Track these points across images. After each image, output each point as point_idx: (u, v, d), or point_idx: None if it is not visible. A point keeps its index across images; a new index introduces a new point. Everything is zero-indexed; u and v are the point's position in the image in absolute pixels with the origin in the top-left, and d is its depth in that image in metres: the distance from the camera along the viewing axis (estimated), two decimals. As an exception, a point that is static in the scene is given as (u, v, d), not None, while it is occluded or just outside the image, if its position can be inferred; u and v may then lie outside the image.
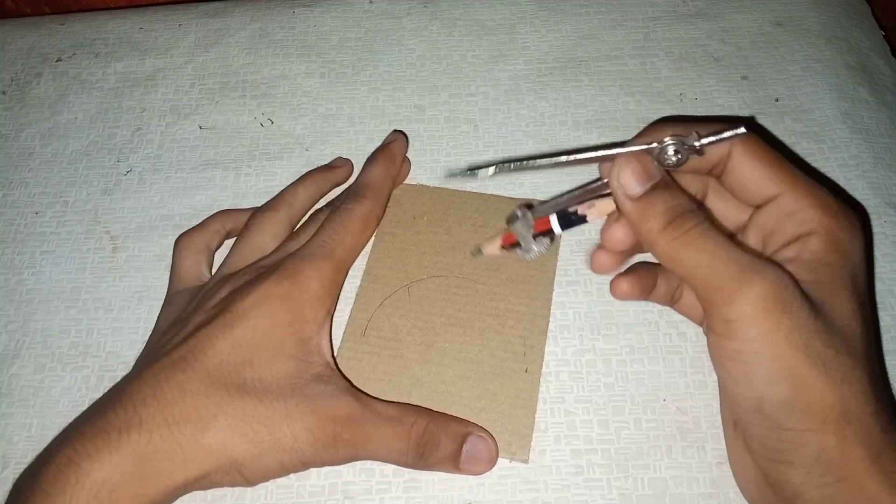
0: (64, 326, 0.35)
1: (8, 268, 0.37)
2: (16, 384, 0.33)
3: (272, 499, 0.29)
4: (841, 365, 0.22)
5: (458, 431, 0.29)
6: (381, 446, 0.28)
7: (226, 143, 0.40)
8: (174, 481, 0.26)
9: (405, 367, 0.32)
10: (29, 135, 0.42)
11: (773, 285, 0.22)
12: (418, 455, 0.28)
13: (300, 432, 0.27)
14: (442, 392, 0.31)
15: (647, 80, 0.41)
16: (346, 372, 0.31)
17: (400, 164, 0.37)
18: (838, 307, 0.23)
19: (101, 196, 0.39)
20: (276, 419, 0.27)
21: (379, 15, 0.46)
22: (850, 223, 0.25)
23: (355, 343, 0.33)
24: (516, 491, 0.29)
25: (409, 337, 0.33)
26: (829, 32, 0.43)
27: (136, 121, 0.42)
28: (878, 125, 0.39)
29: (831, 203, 0.25)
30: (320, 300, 0.30)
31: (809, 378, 0.22)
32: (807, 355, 0.22)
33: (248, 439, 0.26)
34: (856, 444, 0.22)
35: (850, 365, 0.22)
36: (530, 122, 0.40)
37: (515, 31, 0.44)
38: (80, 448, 0.25)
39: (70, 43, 0.46)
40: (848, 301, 0.24)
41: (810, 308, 0.23)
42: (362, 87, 0.42)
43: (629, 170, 0.25)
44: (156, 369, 0.28)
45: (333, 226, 0.32)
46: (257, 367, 0.28)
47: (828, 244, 0.24)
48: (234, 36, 0.45)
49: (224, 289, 0.31)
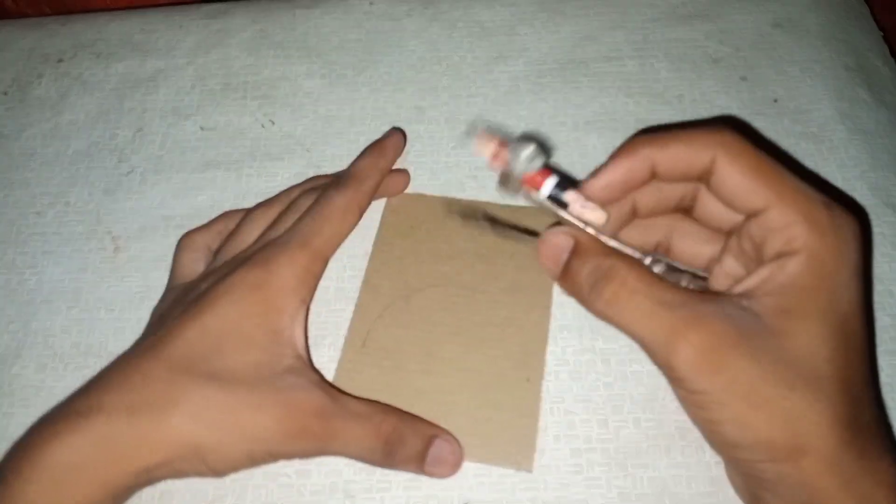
0: (65, 326, 0.35)
1: (9, 268, 0.37)
2: (17, 384, 0.33)
3: (272, 498, 0.30)
4: (797, 401, 0.22)
5: (425, 432, 0.29)
6: (349, 442, 0.28)
7: (227, 143, 0.41)
8: (134, 466, 0.26)
9: (406, 378, 0.32)
10: (30, 135, 0.42)
11: (707, 339, 0.22)
12: (385, 453, 0.28)
13: (268, 422, 0.27)
14: (444, 402, 0.31)
15: (647, 81, 0.41)
16: (347, 384, 0.31)
17: (392, 157, 0.37)
18: (803, 335, 0.22)
19: (103, 196, 0.39)
20: (243, 408, 0.27)
21: (379, 16, 0.46)
22: (838, 240, 0.23)
23: (355, 354, 0.32)
24: (516, 490, 0.29)
25: (409, 347, 0.32)
26: (828, 33, 0.43)
27: (137, 121, 0.42)
28: (877, 126, 0.39)
29: (820, 217, 0.23)
30: (293, 290, 0.30)
31: (755, 422, 0.22)
32: (748, 403, 0.22)
33: (211, 427, 0.26)
34: (819, 474, 0.22)
35: (810, 399, 0.22)
36: (530, 122, 0.40)
37: (515, 32, 0.44)
38: (43, 431, 0.26)
39: (71, 44, 0.46)
40: (817, 327, 0.22)
41: (754, 352, 0.22)
42: (363, 89, 0.42)
43: (542, 259, 0.26)
44: (126, 357, 0.28)
45: (312, 214, 0.32)
46: (226, 355, 0.28)
47: (807, 267, 0.23)
48: (235, 37, 0.45)
49: (206, 281, 0.31)
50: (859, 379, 0.23)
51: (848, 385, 0.22)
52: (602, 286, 0.24)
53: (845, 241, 0.23)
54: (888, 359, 0.32)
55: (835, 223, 0.23)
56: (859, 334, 0.23)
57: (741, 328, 0.22)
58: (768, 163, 0.24)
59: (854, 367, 0.23)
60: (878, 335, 0.32)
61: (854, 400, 0.23)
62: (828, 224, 0.23)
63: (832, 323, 0.23)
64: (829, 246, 0.23)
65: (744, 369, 0.22)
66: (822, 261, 0.23)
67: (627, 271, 0.24)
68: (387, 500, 0.29)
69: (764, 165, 0.24)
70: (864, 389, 0.23)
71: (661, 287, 0.23)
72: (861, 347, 0.23)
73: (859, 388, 0.23)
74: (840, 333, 0.23)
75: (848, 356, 0.23)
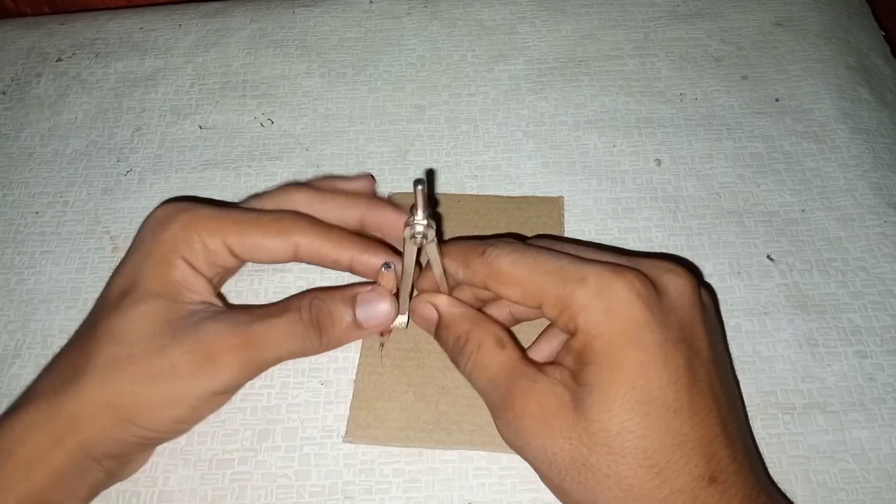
0: (64, 326, 0.35)
1: (8, 268, 0.37)
2: (16, 384, 0.33)
3: (272, 498, 0.29)
4: (591, 479, 0.23)
5: (344, 296, 0.30)
6: (279, 341, 0.28)
7: (226, 143, 0.40)
8: (67, 444, 0.26)
9: (429, 377, 0.31)
10: (29, 135, 0.42)
11: (530, 410, 0.25)
12: (319, 334, 0.29)
13: (178, 357, 0.26)
14: (469, 397, 0.31)
15: (648, 79, 0.41)
16: (369, 387, 0.31)
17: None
18: (595, 406, 0.23)
19: (102, 196, 0.39)
20: (150, 355, 0.26)
21: (379, 15, 0.46)
22: (613, 310, 0.24)
23: (374, 358, 0.32)
24: (516, 491, 0.29)
25: (427, 345, 0.32)
26: (830, 32, 0.43)
27: (136, 121, 0.42)
28: (879, 125, 0.39)
29: (558, 285, 0.25)
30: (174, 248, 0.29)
31: (568, 496, 0.25)
32: (559, 475, 0.24)
33: (122, 383, 0.26)
34: None
35: (602, 474, 0.23)
36: (530, 121, 0.40)
37: (515, 30, 0.44)
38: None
39: (70, 43, 0.46)
40: (606, 398, 0.23)
41: (561, 427, 0.24)
42: (362, 87, 0.42)
43: (417, 322, 0.31)
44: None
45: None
46: (125, 311, 0.27)
47: (582, 337, 0.24)
48: (234, 36, 0.45)
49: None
50: (662, 449, 0.23)
51: (649, 459, 0.23)
52: (459, 356, 0.28)
53: (617, 306, 0.24)
54: (889, 359, 0.32)
55: (597, 297, 0.24)
56: (662, 397, 0.23)
57: (547, 406, 0.24)
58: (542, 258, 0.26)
59: (654, 437, 0.23)
60: (879, 335, 0.32)
61: (656, 471, 0.23)
62: (590, 302, 0.24)
63: (622, 393, 0.23)
64: (598, 319, 0.24)
65: (542, 444, 0.24)
66: (598, 335, 0.24)
67: (481, 340, 0.27)
68: (386, 501, 0.29)
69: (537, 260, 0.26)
70: (679, 456, 0.23)
71: (496, 361, 0.26)
72: (666, 411, 0.23)
73: (666, 455, 0.23)
74: (634, 403, 0.23)
75: (647, 427, 0.23)
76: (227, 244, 0.29)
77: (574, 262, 0.25)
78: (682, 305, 0.25)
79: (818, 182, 0.37)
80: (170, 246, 0.28)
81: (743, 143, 0.39)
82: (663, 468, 0.23)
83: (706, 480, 0.23)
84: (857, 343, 0.32)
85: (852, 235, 0.35)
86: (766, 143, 0.38)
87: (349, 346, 0.33)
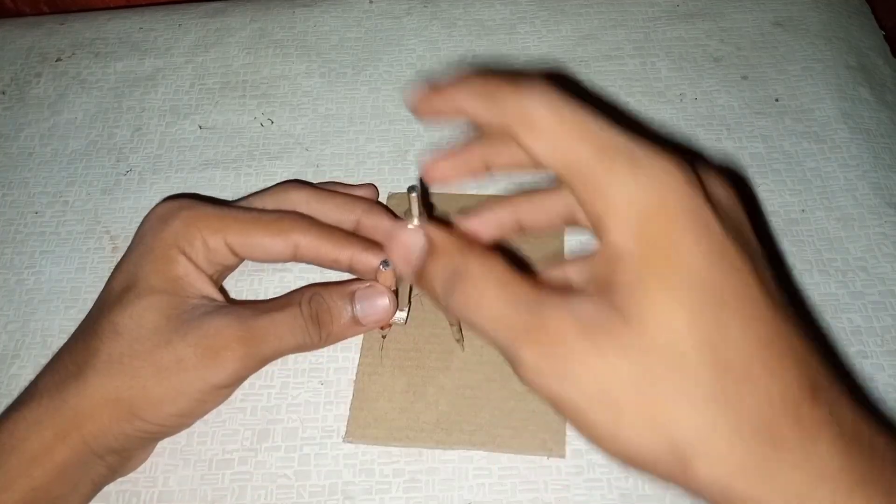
0: (63, 326, 0.34)
1: (7, 268, 0.37)
2: (15, 384, 0.33)
3: (272, 499, 0.29)
4: (663, 398, 0.18)
5: (343, 292, 0.30)
6: (280, 336, 0.28)
7: (226, 142, 0.40)
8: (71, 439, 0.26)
9: (428, 377, 0.32)
10: (28, 135, 0.42)
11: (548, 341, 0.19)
12: (318, 329, 0.29)
13: (183, 350, 0.26)
14: (469, 397, 0.31)
15: (648, 80, 0.41)
16: (369, 387, 0.31)
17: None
18: (652, 314, 0.19)
19: (101, 196, 0.39)
20: (154, 349, 0.26)
21: (379, 15, 0.46)
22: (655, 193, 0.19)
23: (374, 358, 0.32)
24: (516, 491, 0.29)
25: (427, 346, 0.32)
26: (830, 32, 0.43)
27: (135, 120, 0.42)
28: (879, 125, 0.39)
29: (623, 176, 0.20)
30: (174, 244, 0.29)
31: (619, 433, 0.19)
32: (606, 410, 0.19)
33: (126, 377, 0.26)
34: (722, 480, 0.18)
35: (678, 392, 0.18)
36: (530, 122, 0.40)
37: (516, 31, 0.44)
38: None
39: (70, 43, 0.46)
40: (664, 300, 0.19)
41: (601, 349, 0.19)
42: (362, 87, 0.42)
43: (392, 257, 0.25)
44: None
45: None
46: (127, 306, 0.27)
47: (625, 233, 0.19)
48: (234, 36, 0.45)
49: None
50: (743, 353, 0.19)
51: (727, 364, 0.18)
52: (453, 287, 0.22)
53: (669, 191, 0.20)
54: (889, 359, 0.32)
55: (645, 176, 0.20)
56: (734, 292, 0.19)
57: (588, 324, 0.19)
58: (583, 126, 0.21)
59: (732, 338, 0.19)
60: (879, 335, 0.32)
61: (741, 379, 0.18)
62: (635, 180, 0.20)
63: (683, 290, 0.19)
64: (645, 203, 0.19)
65: (591, 370, 0.19)
66: (643, 221, 0.19)
67: (480, 270, 0.22)
68: (386, 502, 0.29)
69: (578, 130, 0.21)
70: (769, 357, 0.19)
71: (513, 285, 0.21)
72: (742, 309, 0.19)
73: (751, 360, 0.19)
74: (699, 301, 0.19)
75: (721, 327, 0.19)
76: (228, 242, 0.29)
77: (622, 134, 0.21)
78: (731, 206, 0.22)
79: (818, 182, 0.37)
80: (171, 242, 0.29)
81: (743, 143, 0.39)
82: (750, 374, 0.18)
83: (808, 390, 0.19)
84: (857, 343, 0.32)
85: (852, 235, 0.35)
86: (766, 144, 0.38)
87: (349, 347, 0.33)
